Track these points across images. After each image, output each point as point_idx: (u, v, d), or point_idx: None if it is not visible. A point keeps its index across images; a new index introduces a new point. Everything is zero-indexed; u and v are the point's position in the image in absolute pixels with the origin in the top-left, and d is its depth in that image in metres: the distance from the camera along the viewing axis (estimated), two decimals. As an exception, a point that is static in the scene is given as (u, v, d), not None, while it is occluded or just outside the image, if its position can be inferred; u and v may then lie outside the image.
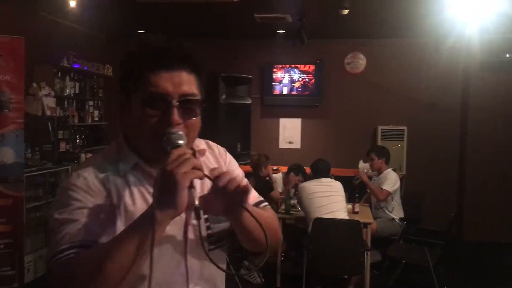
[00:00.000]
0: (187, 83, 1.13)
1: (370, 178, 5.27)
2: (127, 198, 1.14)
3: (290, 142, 7.20)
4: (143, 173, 1.18)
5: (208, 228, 1.22)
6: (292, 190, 5.07)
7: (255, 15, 5.34)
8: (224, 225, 1.24)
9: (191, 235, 1.19)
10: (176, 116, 1.10)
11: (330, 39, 6.91)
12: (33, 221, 4.47)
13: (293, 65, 7.04)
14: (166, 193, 0.98)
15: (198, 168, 1.02)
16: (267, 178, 5.38)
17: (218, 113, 2.86)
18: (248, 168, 5.41)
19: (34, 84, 5.03)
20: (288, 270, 4.91)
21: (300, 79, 7.05)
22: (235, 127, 2.98)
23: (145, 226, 0.99)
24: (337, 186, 4.39)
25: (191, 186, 1.03)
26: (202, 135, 1.30)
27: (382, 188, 4.98)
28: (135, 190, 1.15)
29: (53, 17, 5.54)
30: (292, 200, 4.83)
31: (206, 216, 1.20)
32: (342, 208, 4.27)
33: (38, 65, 5.22)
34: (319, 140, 7.12)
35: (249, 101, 3.14)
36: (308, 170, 4.88)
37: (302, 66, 7.04)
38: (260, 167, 5.18)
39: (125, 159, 1.18)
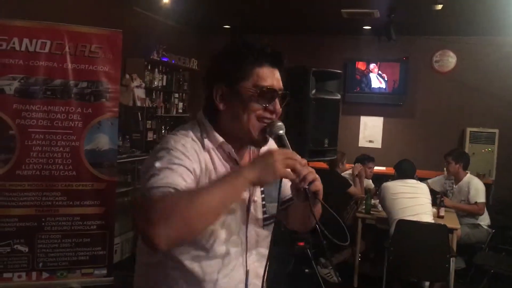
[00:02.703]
0: (280, 79, 1.34)
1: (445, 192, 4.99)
2: (211, 171, 1.31)
3: (370, 141, 7.04)
4: (223, 152, 1.35)
5: (263, 206, 1.43)
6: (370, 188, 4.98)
7: (342, 10, 5.26)
8: (274, 205, 1.42)
9: (252, 209, 1.40)
10: (279, 106, 1.32)
11: (418, 36, 6.66)
12: (121, 206, 4.72)
13: (377, 62, 6.87)
14: (263, 172, 1.18)
15: (296, 171, 1.22)
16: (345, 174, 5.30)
17: (307, 108, 2.84)
18: (323, 164, 5.37)
19: (127, 76, 5.29)
20: (366, 271, 4.80)
21: (384, 76, 6.86)
22: (323, 123, 2.94)
23: (232, 178, 1.18)
24: (423, 188, 4.23)
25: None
26: (291, 130, 1.43)
27: (476, 202, 4.69)
28: (218, 166, 1.33)
29: (145, 11, 5.80)
30: (372, 199, 4.72)
31: (263, 195, 1.43)
32: (428, 211, 4.10)
33: (130, 58, 5.49)
34: (402, 140, 6.89)
35: (338, 96, 3.09)
36: (391, 170, 4.75)
37: (387, 63, 6.84)
38: (337, 163, 5.12)
39: (210, 138, 1.34)
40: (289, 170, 1.21)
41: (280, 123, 1.32)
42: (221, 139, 1.34)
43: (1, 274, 3.64)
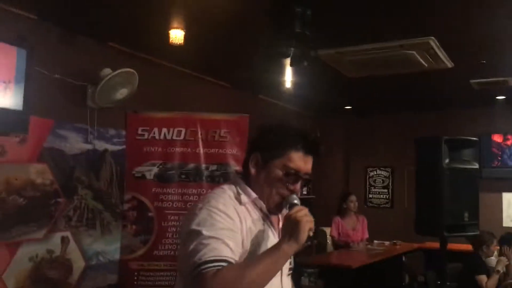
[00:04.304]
0: (311, 165, 1.54)
1: None
2: (250, 224, 1.47)
3: (516, 220, 6.30)
4: (255, 206, 1.52)
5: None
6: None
7: (471, 81, 5.01)
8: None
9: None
10: (299, 188, 1.53)
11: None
12: None
13: (513, 134, 6.32)
14: (293, 233, 1.36)
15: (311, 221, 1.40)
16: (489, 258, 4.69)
17: (441, 179, 2.65)
18: (466, 246, 4.86)
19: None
20: None
21: (526, 148, 6.26)
22: (461, 195, 2.71)
23: (276, 255, 1.36)
24: None
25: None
26: (425, 204, 1.49)
27: None
28: (253, 216, 1.49)
29: (269, 98, 6.11)
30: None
31: None
32: None
33: (256, 142, 5.73)
34: (556, 218, 6.06)
35: (476, 165, 2.85)
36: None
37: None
38: (481, 245, 4.58)
39: (246, 193, 1.51)
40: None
41: (294, 195, 1.51)
42: (254, 195, 1.52)
43: None
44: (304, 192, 6.76)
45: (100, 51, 3.75)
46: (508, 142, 6.39)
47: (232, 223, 1.40)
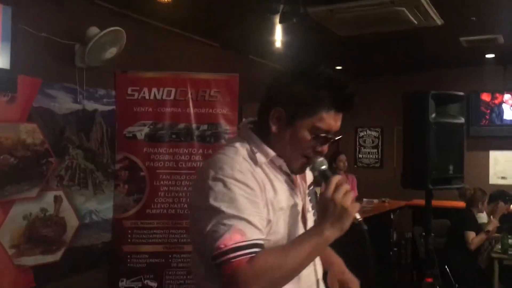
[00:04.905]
0: (340, 123, 1.35)
1: None
2: (270, 190, 1.29)
3: (503, 178, 6.43)
4: (274, 165, 1.34)
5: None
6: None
7: (460, 38, 5.01)
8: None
9: (308, 222, 1.48)
10: (326, 149, 1.34)
11: (551, 60, 6.08)
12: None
13: (505, 92, 6.37)
14: (338, 220, 1.20)
15: (354, 200, 1.23)
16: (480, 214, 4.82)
17: (427, 133, 2.70)
18: (459, 204, 4.97)
19: (243, 120, 5.50)
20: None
21: (513, 106, 6.32)
22: (447, 148, 2.76)
23: (317, 241, 1.20)
24: None
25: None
26: (411, 157, 1.45)
27: None
28: (272, 178, 1.31)
29: (260, 59, 6.07)
30: (510, 239, 4.25)
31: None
32: None
33: (245, 104, 5.72)
34: (541, 175, 6.20)
35: (461, 120, 2.90)
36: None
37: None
38: (475, 202, 4.69)
39: (262, 152, 1.32)
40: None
41: (321, 159, 1.34)
42: (272, 153, 1.33)
43: (133, 309, 3.85)
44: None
45: (87, 9, 3.69)
46: (496, 101, 6.44)
47: (253, 194, 1.22)
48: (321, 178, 1.33)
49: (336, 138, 1.33)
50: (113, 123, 3.89)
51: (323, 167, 1.33)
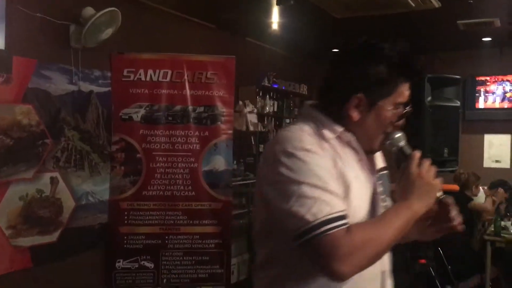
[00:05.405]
0: None
1: None
2: (339, 163, 1.23)
3: (497, 161, 6.48)
4: (342, 141, 1.28)
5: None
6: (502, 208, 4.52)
7: (458, 21, 4.99)
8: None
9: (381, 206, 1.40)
10: (403, 122, 1.31)
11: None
12: (237, 228, 4.83)
13: (500, 75, 6.37)
14: (426, 196, 1.22)
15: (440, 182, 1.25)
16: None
17: (423, 116, 2.71)
18: (453, 187, 5.00)
19: (240, 102, 5.51)
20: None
21: (508, 90, 6.33)
22: (442, 131, 2.78)
23: (407, 215, 1.19)
24: None
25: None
26: (407, 139, 1.37)
27: None
28: (342, 156, 1.26)
29: (256, 41, 6.03)
30: (503, 221, 4.31)
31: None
32: None
33: (243, 86, 5.71)
34: (534, 158, 6.24)
35: (457, 103, 2.91)
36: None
37: (510, 75, 6.32)
38: (469, 186, 4.75)
39: (329, 128, 1.27)
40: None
41: (399, 134, 1.31)
42: (340, 128, 1.27)
43: (130, 289, 3.90)
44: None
45: (81, -11, 3.65)
46: (488, 85, 6.45)
47: (327, 164, 1.18)
48: (400, 155, 1.30)
49: (408, 109, 1.30)
50: (109, 104, 3.88)
51: (402, 142, 1.30)
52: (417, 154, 1.26)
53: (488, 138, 6.56)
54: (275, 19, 5.02)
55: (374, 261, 1.16)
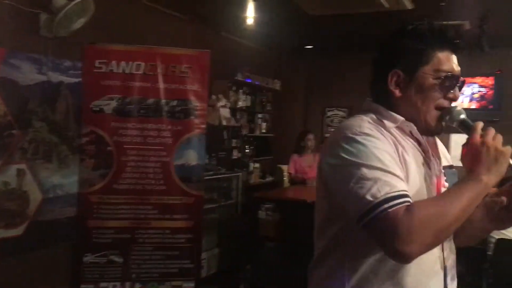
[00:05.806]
0: (459, 68, 1.29)
1: None
2: (401, 149, 1.23)
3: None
4: (403, 132, 1.28)
5: None
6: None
7: (429, 23, 5.08)
8: None
9: None
10: (458, 94, 1.28)
11: (512, 48, 6.27)
12: (208, 222, 4.82)
13: (468, 77, 6.54)
14: (495, 164, 1.13)
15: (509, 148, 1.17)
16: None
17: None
18: None
19: (213, 96, 5.48)
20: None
21: (476, 91, 6.51)
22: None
23: (477, 188, 1.13)
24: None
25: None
26: None
27: None
28: (402, 142, 1.25)
29: (231, 35, 6.01)
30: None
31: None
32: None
33: (216, 80, 5.69)
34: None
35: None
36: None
37: (479, 77, 6.50)
38: None
39: (389, 118, 1.27)
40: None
41: (458, 108, 1.27)
42: (401, 118, 1.27)
43: (98, 283, 3.82)
44: (263, 130, 6.85)
45: (53, -23, 3.54)
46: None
47: (389, 147, 1.19)
48: (462, 129, 1.26)
49: (462, 79, 1.28)
50: (80, 96, 3.79)
51: (462, 115, 1.26)
52: (480, 123, 1.20)
53: (454, 138, 6.72)
54: (251, 13, 5.01)
55: (441, 239, 1.14)
